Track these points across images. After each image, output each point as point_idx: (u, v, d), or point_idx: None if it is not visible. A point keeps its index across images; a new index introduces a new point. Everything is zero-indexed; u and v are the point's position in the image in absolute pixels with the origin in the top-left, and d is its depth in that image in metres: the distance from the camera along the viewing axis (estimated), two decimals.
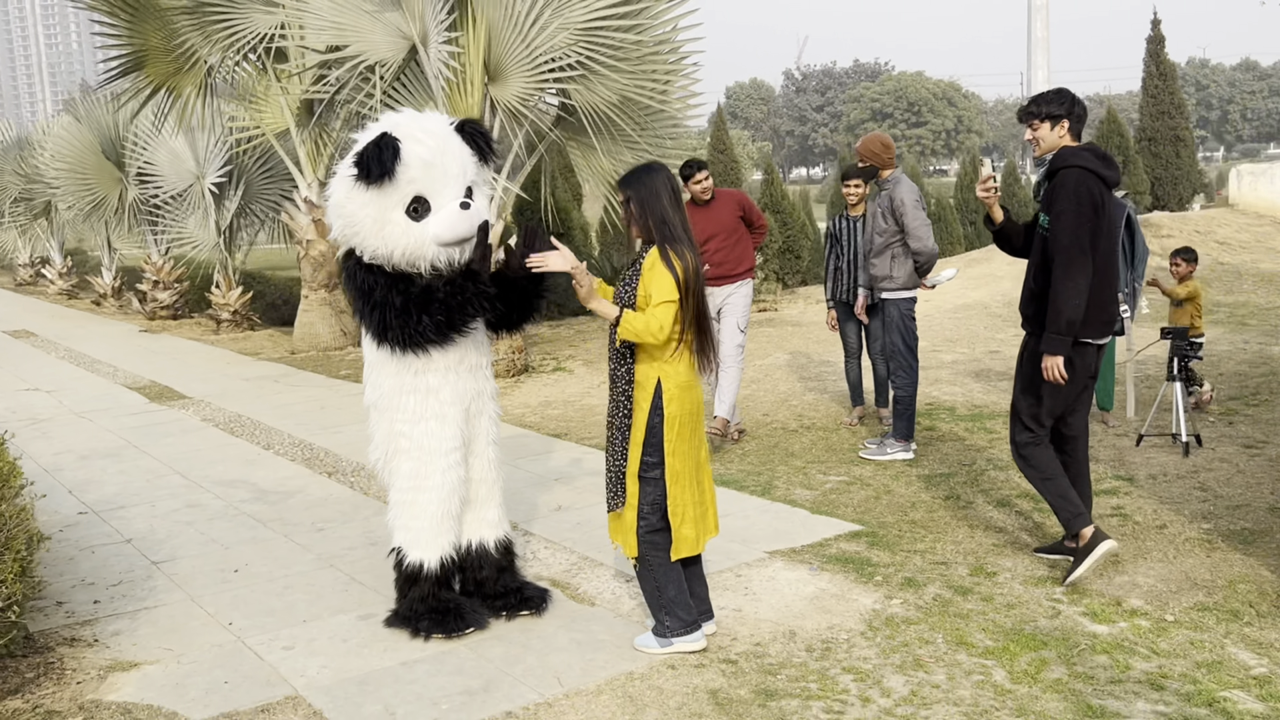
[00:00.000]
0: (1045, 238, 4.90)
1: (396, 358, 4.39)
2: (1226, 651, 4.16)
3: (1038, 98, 5.00)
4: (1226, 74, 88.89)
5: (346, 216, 4.26)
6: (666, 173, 4.14)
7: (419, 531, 4.51)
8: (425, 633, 4.49)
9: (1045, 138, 4.96)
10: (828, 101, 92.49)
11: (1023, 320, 5.14)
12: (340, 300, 13.38)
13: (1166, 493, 6.08)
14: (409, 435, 4.45)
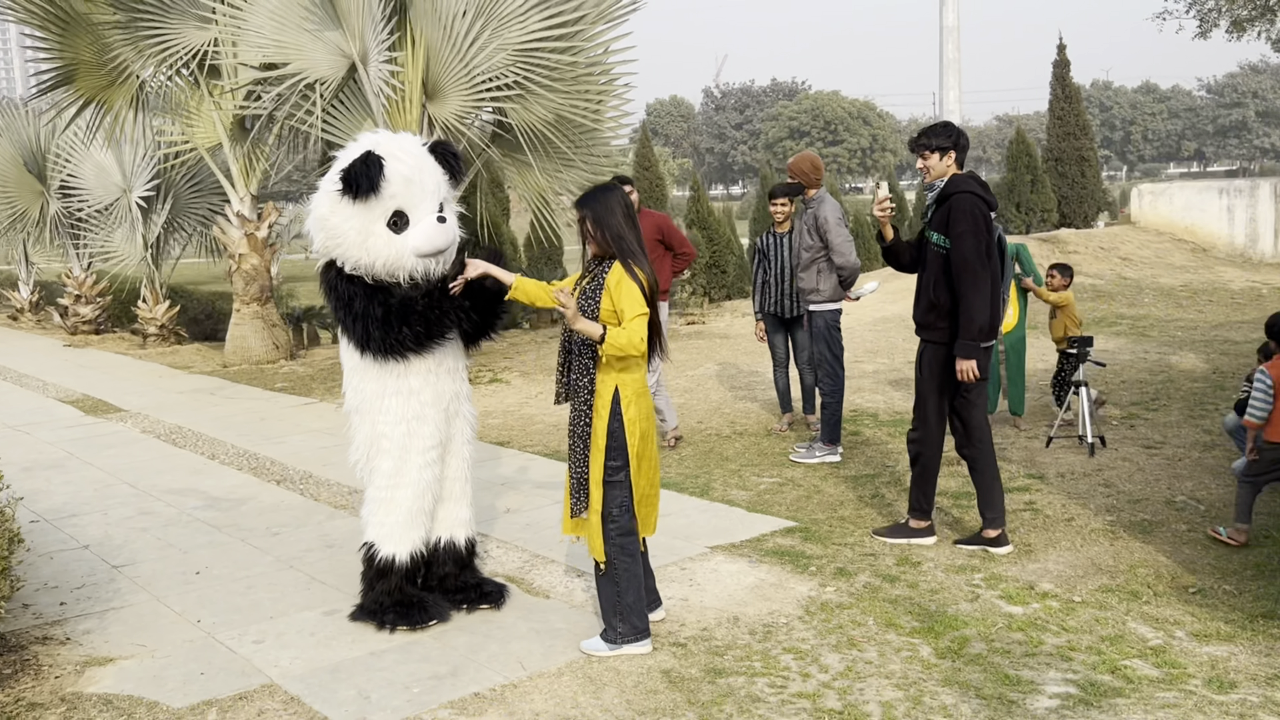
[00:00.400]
0: (941, 254, 5.42)
1: (378, 363, 4.65)
2: (1127, 627, 4.61)
3: (926, 131, 5.56)
4: (1128, 96, 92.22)
5: (330, 229, 4.51)
6: (621, 192, 4.46)
7: (393, 527, 4.76)
8: (390, 625, 4.74)
9: (934, 166, 5.52)
10: (746, 119, 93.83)
11: (919, 329, 5.63)
12: (273, 314, 13.46)
13: (1074, 489, 6.57)
14: (390, 436, 4.70)
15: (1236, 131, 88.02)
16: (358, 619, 4.87)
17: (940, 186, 5.50)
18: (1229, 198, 20.65)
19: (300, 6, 9.63)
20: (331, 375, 11.98)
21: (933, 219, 5.52)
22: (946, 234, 5.39)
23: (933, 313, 5.50)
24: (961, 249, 5.31)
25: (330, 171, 4.59)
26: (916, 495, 5.76)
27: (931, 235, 5.51)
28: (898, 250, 5.74)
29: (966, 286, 5.30)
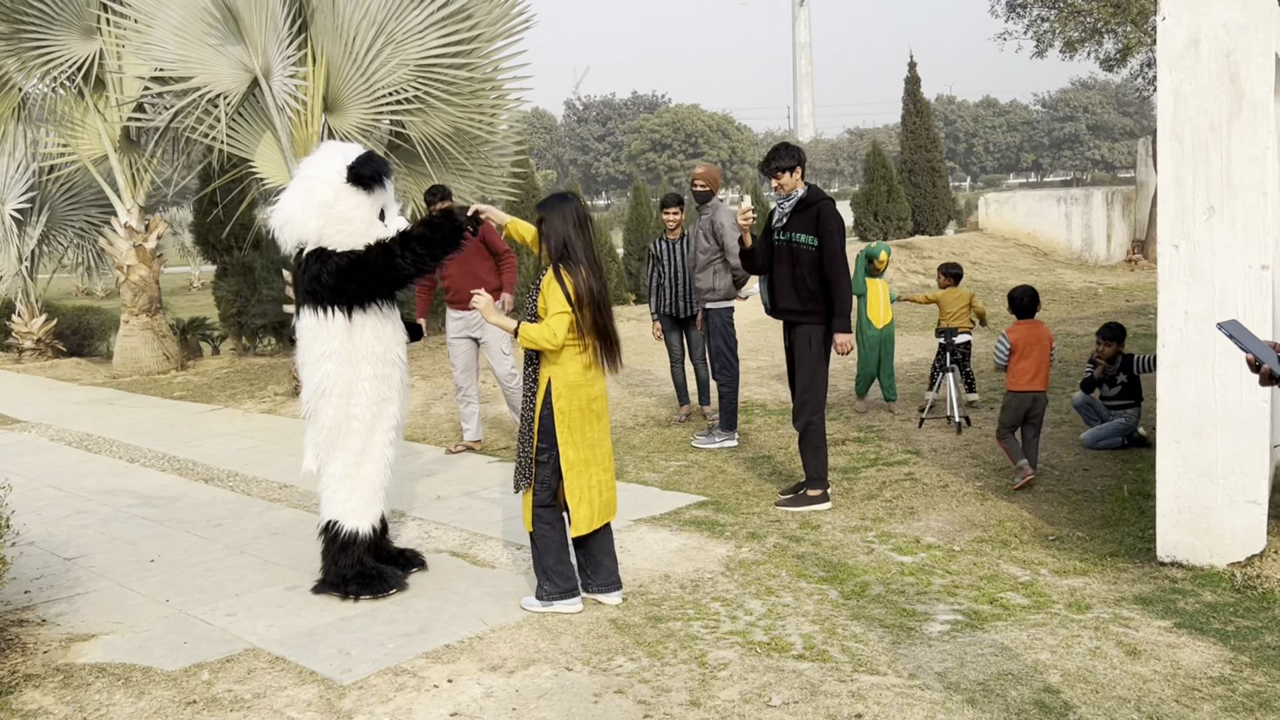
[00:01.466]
0: (810, 251, 6.38)
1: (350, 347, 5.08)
2: (1000, 568, 5.39)
3: (773, 155, 6.56)
4: (971, 110, 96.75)
5: (336, 216, 4.99)
6: (576, 203, 4.99)
7: (357, 502, 5.22)
8: (355, 594, 5.18)
9: (786, 183, 6.53)
10: (608, 132, 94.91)
11: (799, 315, 6.46)
12: (162, 325, 13.50)
13: (946, 461, 7.39)
14: (361, 417, 5.15)
15: (1070, 144, 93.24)
16: (321, 591, 5.29)
17: (798, 196, 6.47)
18: (1066, 205, 22.29)
19: (202, 22, 9.86)
20: (230, 384, 12.14)
21: (794, 224, 6.44)
22: (815, 234, 6.35)
23: (812, 300, 6.41)
24: (833, 245, 6.34)
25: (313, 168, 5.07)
26: (818, 464, 6.51)
27: (798, 237, 6.42)
28: (755, 254, 6.62)
29: (840, 275, 6.34)
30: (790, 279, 6.46)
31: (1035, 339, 6.81)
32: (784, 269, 6.50)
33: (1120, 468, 7.04)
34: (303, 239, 5.06)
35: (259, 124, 10.66)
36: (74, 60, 12.16)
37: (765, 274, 6.71)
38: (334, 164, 5.06)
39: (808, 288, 6.40)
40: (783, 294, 6.53)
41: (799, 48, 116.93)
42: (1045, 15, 23.12)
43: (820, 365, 6.51)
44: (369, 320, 5.15)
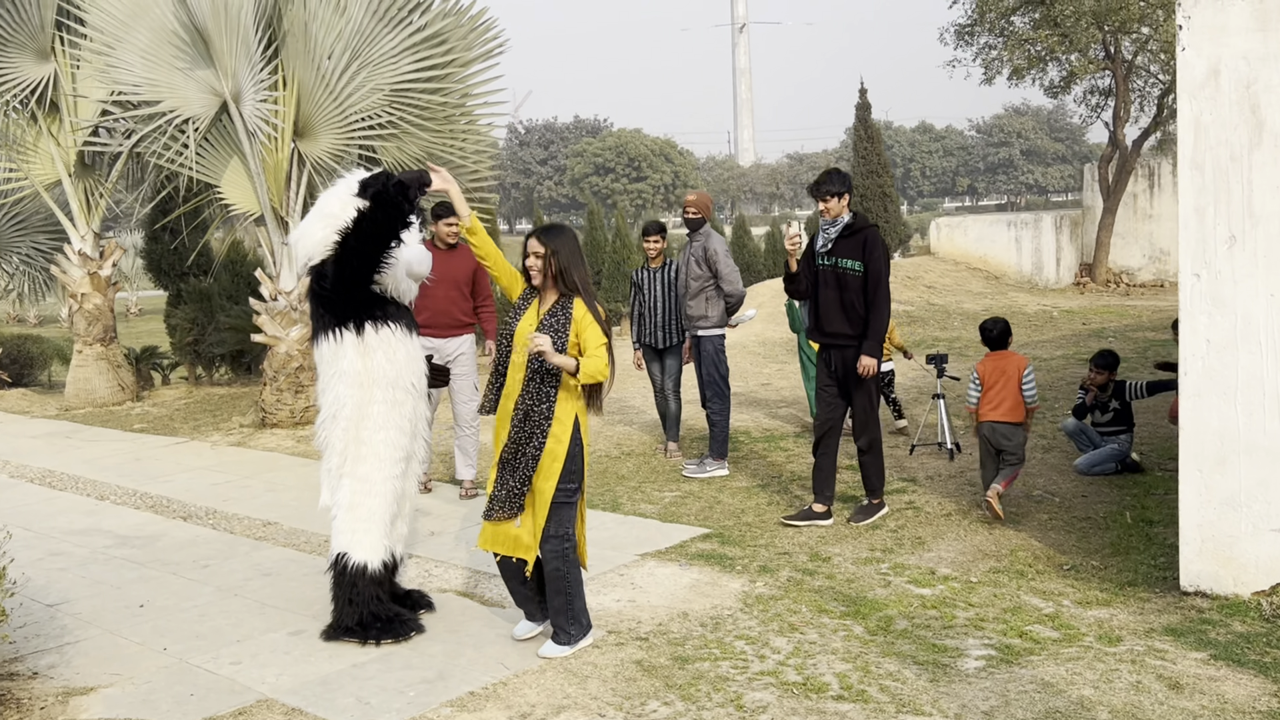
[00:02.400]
0: (854, 276, 6.45)
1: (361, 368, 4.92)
2: (1022, 599, 5.33)
3: (825, 180, 6.57)
4: (907, 135, 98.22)
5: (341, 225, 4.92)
6: (575, 234, 4.93)
7: (365, 534, 5.02)
8: (375, 638, 4.97)
9: (833, 207, 6.55)
10: (551, 155, 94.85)
11: (844, 339, 6.52)
12: (117, 354, 13.09)
13: (945, 489, 7.36)
14: (369, 442, 4.98)
15: (1005, 169, 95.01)
16: (335, 638, 5.04)
17: (844, 222, 6.49)
18: (1016, 230, 22.60)
19: (171, 45, 9.60)
20: (191, 415, 11.80)
21: (840, 249, 6.48)
22: (862, 260, 6.37)
23: (861, 324, 6.47)
24: (878, 271, 6.38)
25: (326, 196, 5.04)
26: (880, 477, 6.76)
27: (844, 262, 6.46)
28: (799, 279, 6.64)
29: (881, 300, 6.40)
30: (839, 304, 6.52)
31: (1000, 370, 6.79)
32: (830, 294, 6.56)
33: (1118, 494, 7.05)
34: (311, 252, 4.95)
35: (226, 149, 10.41)
36: (27, 83, 11.79)
37: (807, 299, 6.78)
38: (346, 184, 5.06)
39: (858, 312, 6.48)
40: (831, 319, 6.58)
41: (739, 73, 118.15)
42: (993, 43, 23.52)
43: (875, 386, 6.66)
44: (381, 342, 5.00)
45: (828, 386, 6.72)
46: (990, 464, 6.79)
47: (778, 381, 12.21)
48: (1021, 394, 6.68)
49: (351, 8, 9.69)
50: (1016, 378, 6.70)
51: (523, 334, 4.86)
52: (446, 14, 10.25)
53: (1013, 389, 6.69)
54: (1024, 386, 6.69)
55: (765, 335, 15.76)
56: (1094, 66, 21.87)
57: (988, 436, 6.75)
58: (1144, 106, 23.23)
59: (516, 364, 4.84)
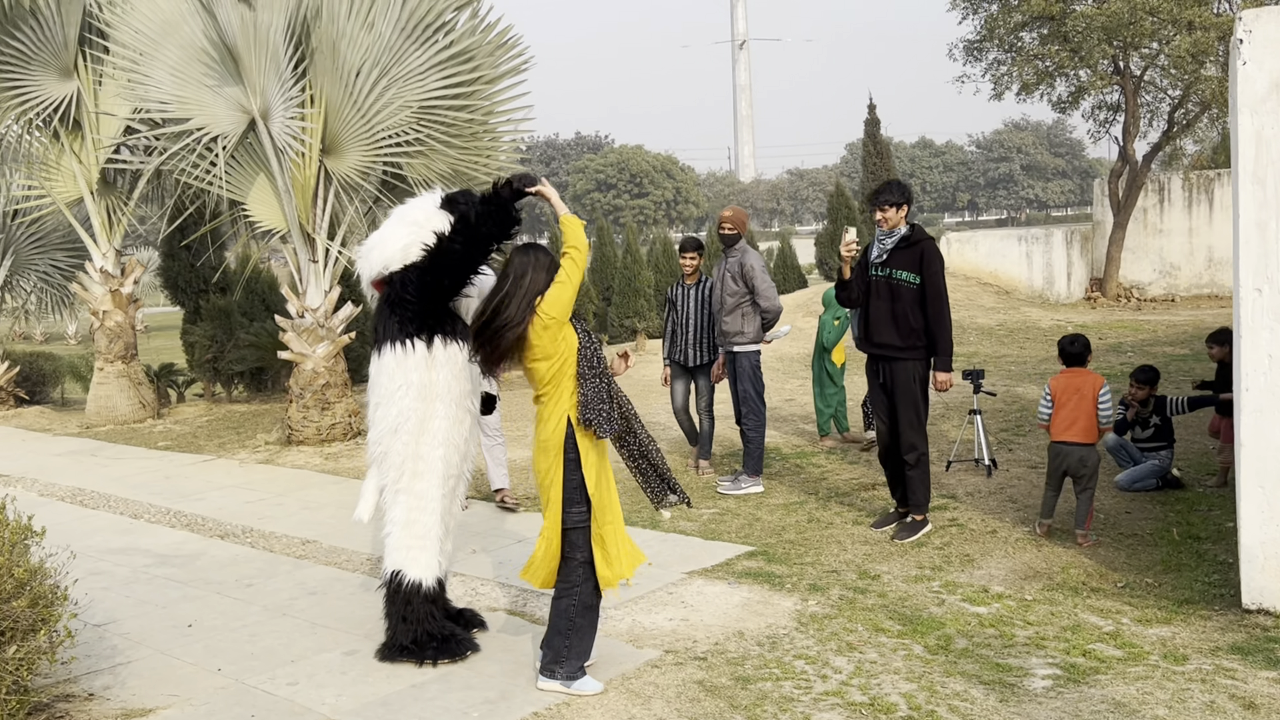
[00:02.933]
0: (908, 288, 6.46)
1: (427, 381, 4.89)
2: (1080, 617, 5.29)
3: (884, 189, 6.61)
4: (908, 150, 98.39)
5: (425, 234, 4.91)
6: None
7: (420, 551, 4.99)
8: (433, 658, 4.92)
9: (891, 218, 6.58)
10: (553, 172, 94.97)
11: (898, 350, 6.54)
12: (138, 371, 13.06)
13: (985, 506, 7.32)
14: (428, 458, 4.94)
15: (1005, 183, 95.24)
16: (390, 658, 4.99)
17: (900, 234, 6.53)
18: (1027, 244, 22.60)
19: (200, 62, 9.60)
20: (215, 432, 11.76)
21: (895, 260, 6.51)
22: (918, 272, 6.41)
23: (913, 336, 6.49)
24: (937, 284, 6.42)
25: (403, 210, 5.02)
26: (926, 492, 6.73)
27: (899, 273, 6.49)
28: (852, 287, 6.69)
29: (944, 313, 6.43)
30: (890, 315, 6.53)
31: (1074, 387, 6.45)
32: (882, 305, 6.57)
33: (1161, 510, 7.01)
34: (388, 260, 4.91)
35: (254, 166, 10.40)
36: (51, 101, 11.80)
37: (858, 307, 6.80)
38: (427, 197, 5.07)
39: (910, 324, 6.48)
40: (881, 330, 6.59)
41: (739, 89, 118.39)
42: (1002, 59, 23.58)
43: (922, 399, 6.63)
44: (449, 357, 4.97)
45: (879, 399, 6.76)
46: (1054, 486, 6.55)
47: (801, 397, 12.18)
48: (1097, 413, 6.41)
49: (380, 25, 9.70)
50: (1091, 396, 6.39)
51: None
52: (473, 31, 10.25)
53: (1087, 408, 6.38)
54: (1100, 406, 6.39)
55: (786, 351, 15.73)
56: (1103, 82, 21.93)
57: (1059, 459, 6.46)
58: (1153, 122, 23.28)
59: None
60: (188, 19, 9.72)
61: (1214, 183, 22.39)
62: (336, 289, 10.74)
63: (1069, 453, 6.43)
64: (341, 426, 10.64)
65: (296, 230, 10.30)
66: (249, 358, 13.65)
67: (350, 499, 8.39)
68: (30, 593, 4.16)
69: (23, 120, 12.01)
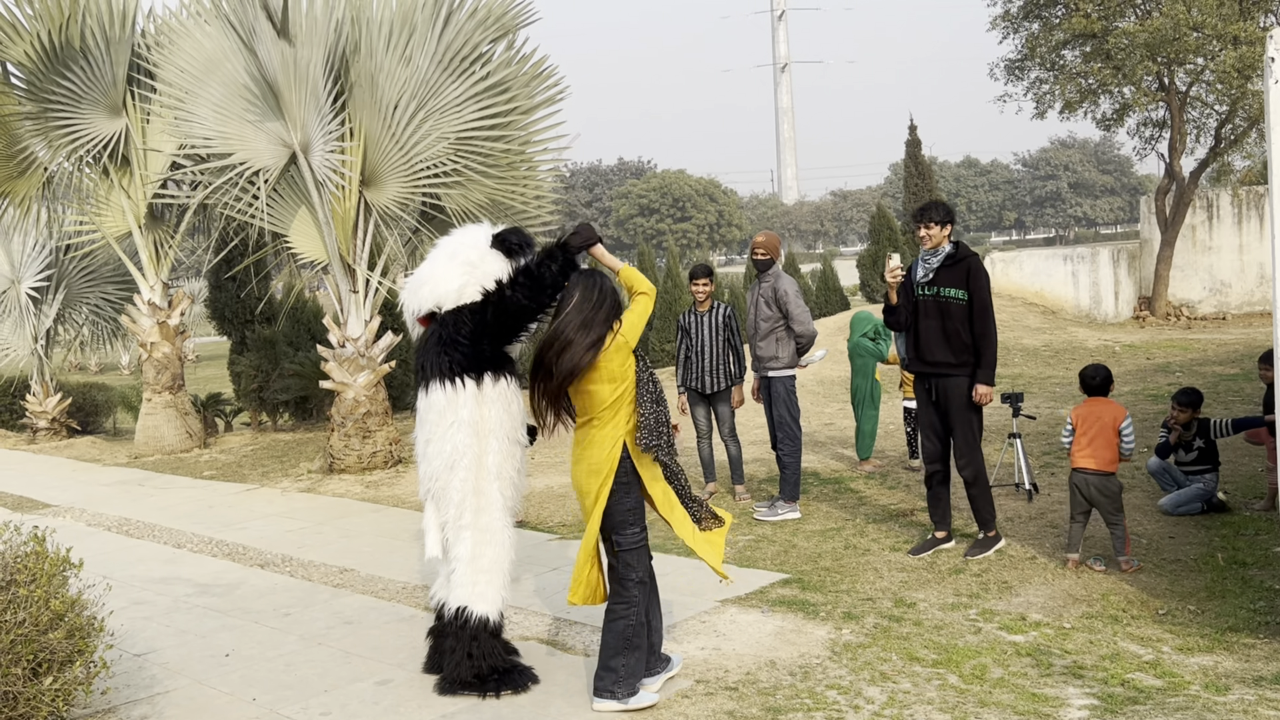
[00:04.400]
0: (957, 305, 6.52)
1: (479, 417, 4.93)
2: (1120, 646, 5.20)
3: (928, 208, 6.65)
4: (952, 170, 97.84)
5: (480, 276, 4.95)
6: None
7: (486, 586, 5.00)
8: (495, 690, 4.91)
9: (934, 235, 6.62)
10: (596, 197, 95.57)
11: (950, 368, 6.57)
12: (185, 402, 13.28)
13: (1025, 531, 7.22)
14: (487, 493, 4.96)
15: (1052, 202, 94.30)
16: (452, 691, 4.97)
17: (945, 252, 6.61)
18: (1073, 264, 22.35)
19: (242, 99, 9.80)
20: (259, 462, 11.91)
21: (942, 278, 6.58)
22: (965, 288, 6.48)
23: (965, 353, 6.53)
24: (984, 299, 6.49)
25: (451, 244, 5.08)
26: (990, 508, 6.74)
27: (947, 291, 6.54)
28: (900, 310, 6.76)
29: (990, 328, 6.50)
30: (941, 333, 6.57)
31: (1095, 416, 6.41)
32: (932, 323, 6.60)
33: (1206, 535, 6.88)
34: (441, 299, 4.95)
35: (295, 199, 10.57)
36: (100, 138, 12.09)
37: (906, 330, 6.83)
38: (481, 232, 5.13)
39: (961, 341, 6.53)
40: (932, 348, 6.62)
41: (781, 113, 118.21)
42: (1044, 78, 23.42)
43: (977, 416, 6.65)
44: (499, 394, 5.00)
45: (930, 418, 6.76)
46: (1080, 519, 6.46)
47: (840, 421, 12.11)
48: (1120, 444, 6.38)
49: (417, 58, 9.84)
50: (1113, 426, 6.35)
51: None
52: (509, 63, 10.38)
53: (1108, 438, 6.34)
54: (1123, 438, 6.34)
55: (824, 375, 15.66)
56: (1148, 99, 21.69)
57: (1079, 487, 6.41)
58: (1200, 138, 22.98)
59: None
60: (230, 57, 9.93)
61: (1264, 198, 22.05)
62: (377, 319, 10.87)
63: (1089, 481, 6.36)
64: (382, 454, 10.74)
65: (337, 261, 10.44)
66: (293, 387, 13.83)
67: (389, 526, 8.47)
68: (67, 624, 4.24)
69: (74, 157, 12.30)
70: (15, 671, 4.00)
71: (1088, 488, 6.38)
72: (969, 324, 6.51)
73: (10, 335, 15.60)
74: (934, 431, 6.76)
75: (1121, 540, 6.36)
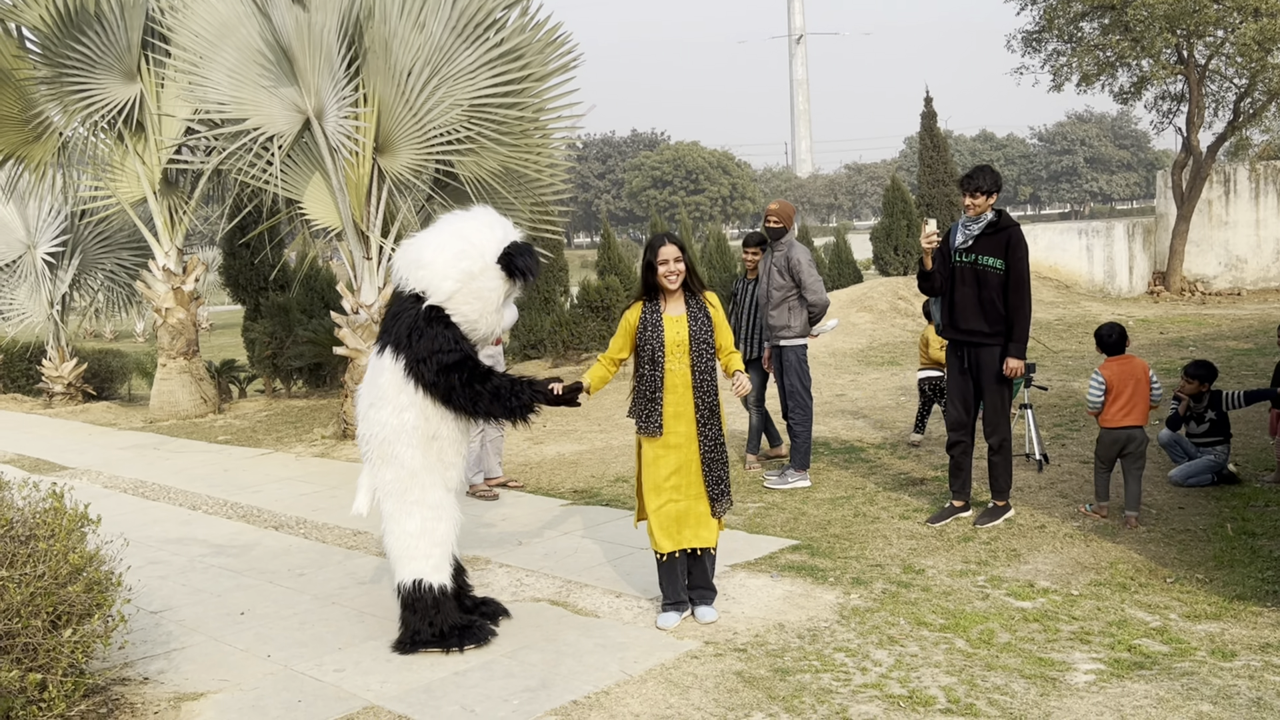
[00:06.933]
0: (994, 274, 6.47)
1: (436, 407, 4.96)
2: (1126, 613, 5.23)
3: (975, 175, 6.58)
4: (968, 144, 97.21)
5: (473, 289, 4.92)
6: None
7: (439, 559, 5.09)
8: (459, 645, 5.02)
9: (979, 204, 6.56)
10: (609, 169, 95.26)
11: (984, 337, 6.56)
12: (199, 367, 13.36)
13: (1035, 500, 7.24)
14: (437, 470, 5.05)
15: (1068, 176, 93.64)
16: (413, 650, 5.07)
17: (987, 220, 6.53)
18: (1088, 238, 22.24)
19: (256, 64, 9.80)
20: (273, 427, 11.99)
21: (981, 246, 6.52)
22: (1004, 258, 6.42)
23: (999, 322, 6.51)
24: (1021, 271, 6.42)
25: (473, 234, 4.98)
26: (1009, 478, 6.78)
27: (984, 259, 6.49)
28: (934, 276, 6.72)
29: (1024, 300, 6.44)
30: (976, 301, 6.54)
31: (1129, 374, 6.66)
32: (968, 291, 6.57)
33: (1215, 506, 6.89)
34: (428, 289, 4.94)
35: (308, 165, 10.59)
36: (115, 104, 12.10)
37: (941, 296, 6.80)
38: (493, 238, 5.00)
39: (996, 311, 6.50)
40: (967, 316, 6.60)
41: (796, 84, 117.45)
42: (1061, 50, 23.23)
43: (1007, 386, 6.64)
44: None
45: (960, 385, 6.76)
46: (1106, 471, 6.76)
47: (852, 392, 12.13)
48: (1150, 395, 6.68)
49: (431, 24, 9.81)
50: (1146, 381, 6.65)
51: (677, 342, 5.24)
52: (522, 29, 10.33)
53: (1143, 393, 6.63)
54: (1154, 389, 6.70)
55: (837, 346, 15.66)
56: (1166, 71, 21.50)
57: (1117, 444, 6.65)
58: (1218, 111, 22.78)
59: (675, 371, 5.22)
60: (244, 21, 9.93)
61: None
62: (390, 285, 10.89)
63: (1131, 436, 6.61)
64: None
65: (350, 228, 10.47)
66: (307, 354, 13.89)
67: None
68: (85, 578, 4.30)
69: (89, 123, 12.32)
70: (35, 624, 4.07)
71: (1129, 443, 6.61)
72: (1004, 295, 6.47)
73: (26, 300, 15.70)
74: (962, 400, 6.76)
75: (1138, 494, 6.60)
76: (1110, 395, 6.67)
